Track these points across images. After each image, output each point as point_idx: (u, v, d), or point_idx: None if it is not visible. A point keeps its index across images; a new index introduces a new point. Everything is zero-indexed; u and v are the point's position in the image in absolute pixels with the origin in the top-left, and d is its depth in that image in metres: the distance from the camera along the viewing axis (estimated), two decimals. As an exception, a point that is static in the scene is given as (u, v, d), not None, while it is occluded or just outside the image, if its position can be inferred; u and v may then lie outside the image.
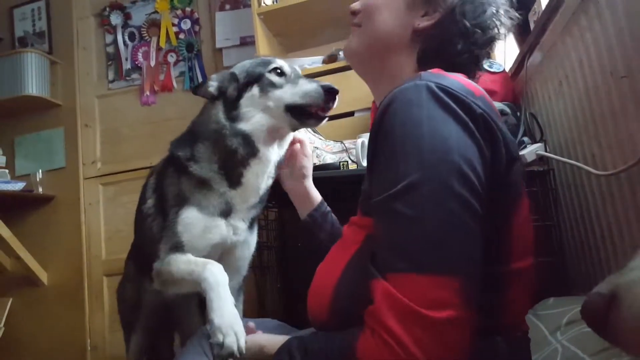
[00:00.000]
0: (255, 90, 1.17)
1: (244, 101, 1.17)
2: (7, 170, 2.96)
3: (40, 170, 3.05)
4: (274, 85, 1.16)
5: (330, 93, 1.12)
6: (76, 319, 2.91)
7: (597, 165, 1.22)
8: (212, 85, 1.23)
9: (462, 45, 0.88)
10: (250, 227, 1.29)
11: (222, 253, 1.25)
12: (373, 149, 0.80)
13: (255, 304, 2.10)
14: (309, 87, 1.14)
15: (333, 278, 0.87)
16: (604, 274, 1.27)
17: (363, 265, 0.76)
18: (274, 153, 1.21)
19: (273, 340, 0.89)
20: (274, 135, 1.19)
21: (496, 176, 0.74)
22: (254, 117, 1.17)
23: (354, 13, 0.99)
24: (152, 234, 1.24)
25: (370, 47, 0.95)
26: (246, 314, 1.52)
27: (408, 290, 0.65)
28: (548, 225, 1.45)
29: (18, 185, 2.90)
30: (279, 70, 1.18)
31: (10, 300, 2.82)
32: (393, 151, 0.73)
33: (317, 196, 1.27)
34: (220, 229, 1.19)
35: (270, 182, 1.26)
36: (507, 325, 0.80)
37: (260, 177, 1.20)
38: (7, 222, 2.74)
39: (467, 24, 0.87)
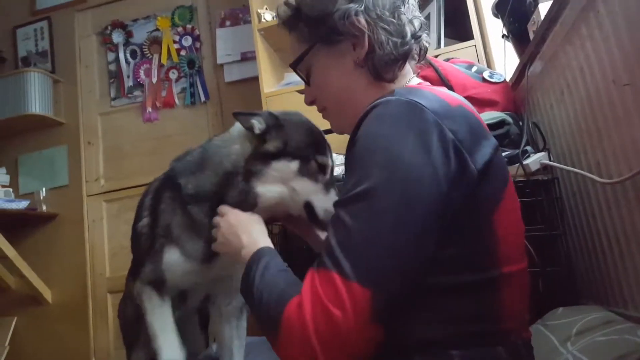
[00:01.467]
0: (294, 166, 1.03)
1: (276, 165, 1.04)
2: (11, 189, 2.96)
3: (43, 189, 3.06)
4: (310, 175, 1.04)
5: None
6: (81, 337, 2.90)
7: (602, 173, 1.22)
8: (259, 127, 1.06)
9: (393, 39, 0.93)
10: None
11: (217, 279, 1.23)
12: (346, 158, 0.88)
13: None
14: (330, 207, 1.03)
15: None
16: (612, 282, 1.26)
17: None
18: (283, 211, 1.12)
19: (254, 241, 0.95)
20: (279, 208, 1.10)
21: (465, 190, 0.76)
22: (273, 187, 1.05)
23: (313, 104, 1.05)
24: (145, 251, 1.22)
25: (346, 113, 0.97)
26: (251, 330, 1.51)
27: (325, 286, 0.72)
28: (554, 234, 1.44)
29: (22, 204, 2.90)
30: (323, 165, 1.06)
31: (15, 319, 2.82)
32: (353, 161, 0.80)
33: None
34: (205, 273, 1.14)
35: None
36: (505, 330, 0.80)
37: None
38: (11, 241, 2.74)
39: (385, 18, 0.93)
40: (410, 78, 0.99)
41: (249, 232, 0.98)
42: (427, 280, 0.76)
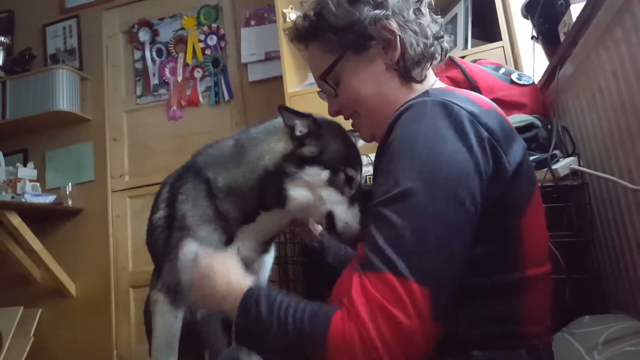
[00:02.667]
0: (324, 175, 1.05)
1: (310, 171, 1.05)
2: (38, 184, 3.02)
3: (69, 184, 3.11)
4: (338, 187, 1.05)
5: (360, 240, 1.00)
6: (103, 330, 2.95)
7: (634, 179, 1.19)
8: (300, 129, 1.07)
9: (422, 40, 0.94)
10: (264, 251, 1.24)
11: None
12: (378, 160, 0.87)
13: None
14: (354, 225, 1.05)
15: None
16: (641, 291, 1.23)
17: None
18: (306, 216, 1.15)
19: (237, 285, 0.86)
20: (301, 213, 1.12)
21: (499, 189, 0.77)
22: (303, 192, 1.06)
23: (338, 113, 1.04)
24: (160, 245, 1.23)
25: (380, 117, 0.96)
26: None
27: (380, 287, 0.70)
28: (582, 241, 1.41)
29: (49, 198, 2.96)
30: (351, 178, 1.06)
31: (40, 310, 2.87)
32: (391, 161, 0.79)
33: None
34: None
35: (287, 225, 1.22)
36: (528, 334, 0.80)
37: (277, 220, 1.15)
38: (37, 234, 2.81)
39: (412, 20, 0.94)
40: (434, 80, 1.00)
41: (228, 278, 0.88)
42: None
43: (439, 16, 1.01)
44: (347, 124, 1.10)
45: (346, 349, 0.70)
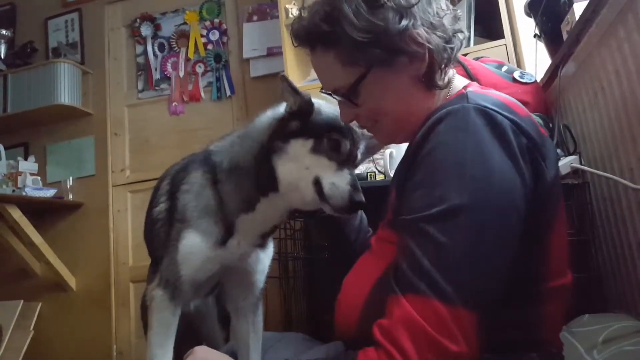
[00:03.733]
0: (308, 144, 1.02)
1: (294, 143, 1.03)
2: (39, 177, 3.02)
3: (70, 178, 3.12)
4: (323, 153, 1.01)
5: (354, 204, 0.99)
6: (103, 325, 2.96)
7: (635, 179, 1.19)
8: (292, 106, 1.06)
9: (448, 45, 0.88)
10: (262, 245, 1.23)
11: (232, 273, 1.23)
12: (411, 165, 0.80)
13: (281, 315, 2.10)
14: (342, 186, 0.99)
15: (362, 292, 0.88)
16: (641, 291, 1.23)
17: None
18: (299, 197, 1.07)
19: None
20: (297, 194, 1.06)
21: (537, 201, 0.74)
22: (288, 166, 1.04)
23: (352, 121, 0.98)
24: (160, 239, 1.22)
25: (403, 126, 0.92)
26: (271, 326, 1.51)
27: (427, 315, 0.66)
28: (583, 240, 1.41)
29: (49, 192, 2.96)
30: (336, 143, 1.02)
31: (40, 304, 2.87)
32: (433, 172, 0.74)
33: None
34: (220, 259, 1.14)
35: (285, 216, 1.18)
36: (543, 341, 0.80)
37: (275, 209, 1.12)
38: (37, 228, 2.81)
39: (436, 24, 0.87)
40: (453, 73, 0.95)
41: None
42: None
43: (458, 10, 0.94)
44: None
45: None
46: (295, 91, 1.03)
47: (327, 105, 1.08)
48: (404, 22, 0.83)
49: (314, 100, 1.07)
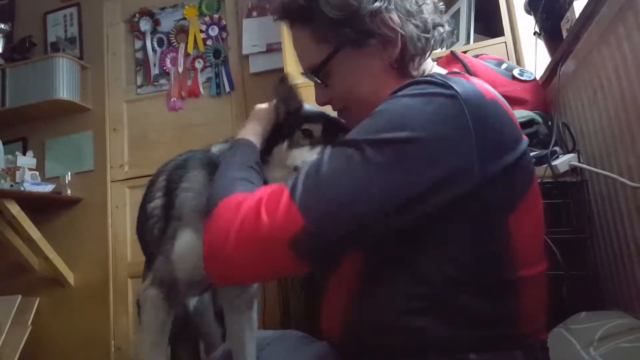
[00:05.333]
0: (285, 145, 1.01)
1: (275, 151, 1.03)
2: (37, 173, 3.02)
3: (69, 173, 3.11)
4: (297, 144, 1.00)
5: None
6: (101, 320, 2.96)
7: (633, 177, 1.19)
8: (282, 116, 1.06)
9: (424, 35, 0.88)
10: None
11: None
12: None
13: (279, 313, 2.10)
14: (310, 158, 0.97)
15: (343, 296, 0.87)
16: (638, 288, 1.23)
17: (371, 290, 0.80)
18: None
19: None
20: None
21: (472, 182, 0.73)
22: (277, 171, 1.02)
23: (327, 104, 0.98)
24: (153, 236, 1.19)
25: (371, 110, 0.93)
26: (269, 323, 1.51)
27: (273, 193, 0.75)
28: (581, 237, 1.42)
29: (48, 187, 2.96)
30: (307, 132, 1.01)
31: (38, 299, 2.87)
32: (368, 116, 0.78)
33: None
34: None
35: None
36: (523, 334, 0.79)
37: None
38: (36, 223, 2.81)
39: (414, 12, 0.87)
40: (432, 65, 0.95)
41: (246, 126, 1.02)
42: (443, 280, 0.75)
43: (441, 3, 0.94)
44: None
45: (217, 223, 0.77)
46: (297, 97, 1.03)
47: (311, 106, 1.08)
48: (377, 4, 0.84)
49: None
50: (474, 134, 0.72)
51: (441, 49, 0.97)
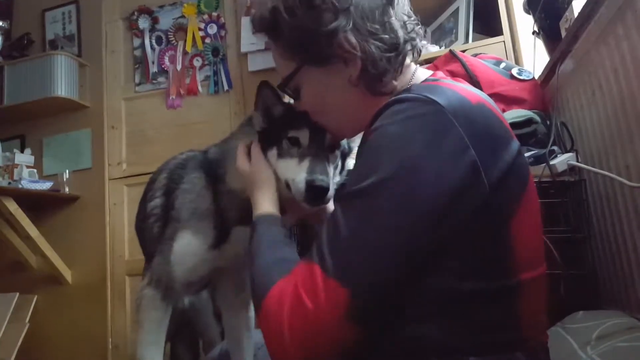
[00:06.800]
0: (274, 152, 1.02)
1: (268, 160, 1.03)
2: (35, 170, 3.01)
3: (67, 171, 3.10)
4: (287, 154, 1.01)
5: (313, 191, 0.95)
6: (99, 318, 2.95)
7: (631, 176, 1.19)
8: (260, 125, 1.08)
9: (386, 55, 0.86)
10: None
11: (223, 271, 1.22)
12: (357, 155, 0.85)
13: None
14: (298, 176, 0.96)
15: None
16: (636, 288, 1.23)
17: None
18: (298, 210, 1.07)
19: None
20: (294, 201, 1.03)
21: (475, 199, 0.72)
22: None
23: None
24: (153, 235, 1.20)
25: (345, 125, 0.95)
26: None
27: (305, 275, 0.72)
28: (579, 237, 1.42)
29: (46, 185, 2.95)
30: (294, 140, 1.01)
31: (35, 297, 2.87)
32: (361, 157, 0.79)
33: None
34: (213, 262, 1.13)
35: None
36: (524, 337, 0.78)
37: None
38: (34, 221, 2.80)
39: (376, 32, 0.85)
40: (412, 73, 0.92)
41: (257, 195, 0.98)
42: (444, 287, 0.74)
43: (411, 11, 0.92)
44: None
45: (267, 317, 0.74)
46: (280, 101, 1.04)
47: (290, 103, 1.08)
48: (334, 25, 0.83)
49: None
50: (470, 144, 0.71)
51: (416, 60, 0.95)
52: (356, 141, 1.15)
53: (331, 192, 0.97)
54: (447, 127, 0.71)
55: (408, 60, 0.91)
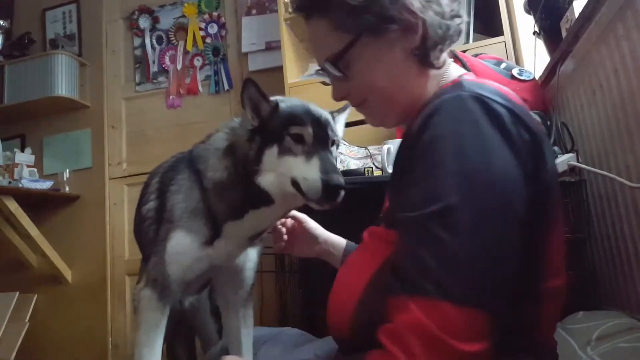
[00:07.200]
0: (274, 150, 1.00)
1: (265, 157, 1.01)
2: (35, 169, 3.01)
3: (67, 170, 3.11)
4: (289, 152, 0.99)
5: (330, 190, 0.93)
6: (98, 317, 2.96)
7: (632, 177, 1.19)
8: (252, 124, 1.04)
9: (444, 22, 0.84)
10: (251, 244, 1.21)
11: (221, 269, 1.23)
12: (407, 159, 0.77)
13: (277, 310, 2.10)
14: (311, 174, 0.95)
15: (356, 291, 0.85)
16: (636, 288, 1.23)
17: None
18: (292, 203, 1.08)
19: None
20: (291, 198, 1.04)
21: (536, 197, 0.71)
22: (270, 176, 1.01)
23: (344, 99, 0.93)
24: (149, 237, 1.20)
25: (394, 106, 0.89)
26: (266, 321, 1.51)
27: (436, 318, 0.63)
28: (579, 237, 1.42)
29: (46, 184, 2.95)
30: (297, 136, 0.99)
31: (35, 296, 2.87)
32: (432, 166, 0.70)
33: (339, 244, 1.23)
34: (208, 259, 1.12)
35: (275, 222, 1.18)
36: (538, 342, 0.78)
37: (264, 218, 1.11)
38: (34, 220, 2.81)
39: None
40: (449, 63, 0.91)
41: None
42: None
43: None
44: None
45: None
46: (265, 97, 1.01)
47: (283, 99, 1.06)
48: None
49: (272, 98, 1.05)
50: (527, 148, 0.70)
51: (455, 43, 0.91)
52: (341, 120, 1.15)
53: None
54: (509, 126, 0.70)
55: (453, 42, 0.88)
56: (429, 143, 0.71)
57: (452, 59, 0.93)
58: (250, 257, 1.24)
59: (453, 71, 0.90)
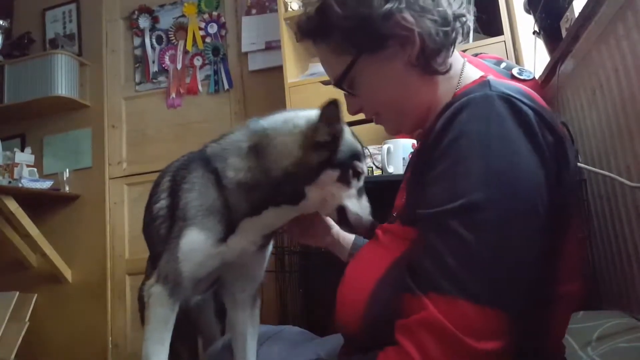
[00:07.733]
0: (335, 174, 1.00)
1: (323, 175, 1.00)
2: (35, 169, 3.01)
3: (67, 170, 3.11)
4: (347, 182, 1.01)
5: (371, 231, 0.98)
6: (99, 317, 2.96)
7: (632, 177, 1.19)
8: (325, 138, 1.00)
9: (442, 29, 0.84)
10: (263, 244, 1.21)
11: (232, 267, 1.23)
12: (430, 156, 0.76)
13: (277, 309, 2.10)
14: (365, 217, 1.02)
15: (368, 285, 0.84)
16: (636, 288, 1.23)
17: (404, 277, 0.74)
18: (310, 212, 1.11)
19: None
20: (312, 209, 1.07)
21: (558, 199, 0.70)
22: (317, 191, 1.01)
23: (359, 112, 0.96)
24: (160, 236, 1.20)
25: (406, 115, 0.91)
26: (267, 319, 1.50)
27: (453, 316, 0.62)
28: (579, 237, 1.41)
29: (46, 184, 2.96)
30: (358, 172, 1.02)
31: (35, 296, 2.87)
32: (456, 164, 0.70)
33: (349, 237, 1.22)
34: (221, 256, 1.12)
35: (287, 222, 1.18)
36: (548, 348, 0.78)
37: (282, 216, 1.12)
38: (34, 220, 2.81)
39: (429, 7, 0.84)
40: (463, 62, 0.92)
41: None
42: None
43: None
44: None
45: None
46: (339, 120, 0.99)
47: (346, 130, 1.06)
48: (388, 6, 0.81)
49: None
50: (551, 149, 0.70)
51: (466, 39, 0.93)
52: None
53: None
54: (535, 127, 0.69)
55: (459, 38, 0.89)
56: (454, 140, 0.71)
57: (465, 59, 0.93)
58: (263, 255, 1.24)
59: (470, 71, 0.91)
